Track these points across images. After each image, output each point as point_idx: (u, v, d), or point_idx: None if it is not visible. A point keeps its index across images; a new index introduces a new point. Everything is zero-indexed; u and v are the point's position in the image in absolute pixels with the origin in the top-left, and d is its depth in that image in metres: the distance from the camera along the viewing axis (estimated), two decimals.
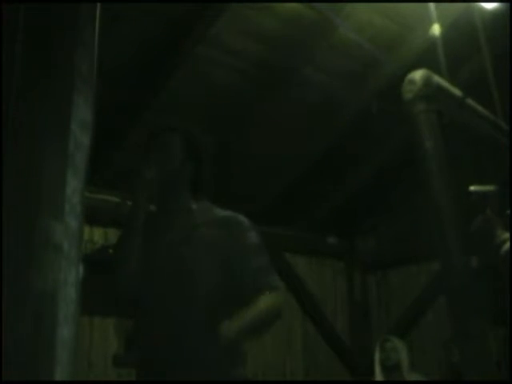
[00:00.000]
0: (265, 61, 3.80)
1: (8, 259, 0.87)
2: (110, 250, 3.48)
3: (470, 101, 2.66)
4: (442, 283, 2.97)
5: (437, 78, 2.48)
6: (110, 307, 1.90)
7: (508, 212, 2.35)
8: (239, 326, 1.71)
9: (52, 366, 0.85)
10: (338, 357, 5.18)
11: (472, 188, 2.44)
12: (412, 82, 2.38)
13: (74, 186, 0.94)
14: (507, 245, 2.26)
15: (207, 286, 1.83)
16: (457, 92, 2.62)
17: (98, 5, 1.07)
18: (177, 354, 1.77)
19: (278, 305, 1.87)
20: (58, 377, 0.85)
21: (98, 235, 3.85)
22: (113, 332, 3.76)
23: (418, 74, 2.42)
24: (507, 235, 2.31)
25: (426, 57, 3.36)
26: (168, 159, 1.91)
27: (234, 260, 1.87)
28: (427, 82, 2.40)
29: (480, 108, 2.78)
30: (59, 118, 0.96)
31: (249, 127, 4.17)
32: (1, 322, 0.84)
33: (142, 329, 1.88)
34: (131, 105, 3.63)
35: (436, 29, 2.95)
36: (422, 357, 4.69)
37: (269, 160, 4.44)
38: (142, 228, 1.81)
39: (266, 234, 4.82)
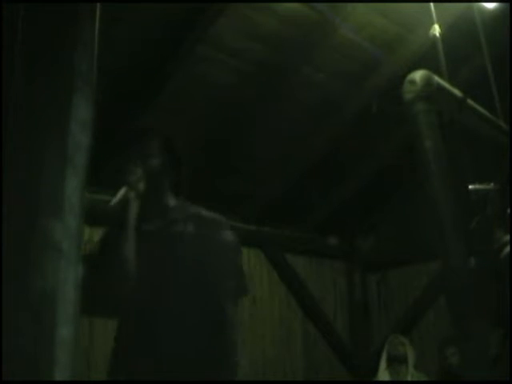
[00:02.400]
0: (265, 61, 3.80)
1: (8, 259, 0.87)
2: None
3: (470, 101, 2.66)
4: (443, 283, 2.97)
5: (437, 79, 2.48)
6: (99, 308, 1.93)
7: (509, 211, 2.35)
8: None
9: (52, 366, 0.85)
10: (338, 357, 5.18)
11: (472, 187, 2.43)
12: (412, 82, 2.38)
13: (73, 185, 0.94)
14: (507, 248, 2.25)
15: (184, 283, 1.86)
16: (457, 92, 2.62)
17: (98, 5, 1.07)
18: (161, 352, 1.79)
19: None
20: (58, 377, 0.85)
21: (98, 235, 3.84)
22: (113, 332, 3.76)
23: (418, 75, 2.42)
24: (507, 238, 2.31)
25: (426, 57, 3.36)
26: (149, 160, 1.96)
27: (210, 258, 1.91)
28: (427, 83, 2.39)
29: (480, 108, 2.78)
30: (59, 118, 0.96)
31: (249, 127, 4.17)
32: (1, 321, 0.84)
33: (126, 328, 1.91)
34: (131, 105, 3.63)
35: (436, 29, 2.94)
36: (422, 357, 4.70)
37: (269, 160, 4.44)
38: (134, 228, 1.83)
39: (266, 234, 4.86)
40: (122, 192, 1.84)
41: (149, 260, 1.87)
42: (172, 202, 2.00)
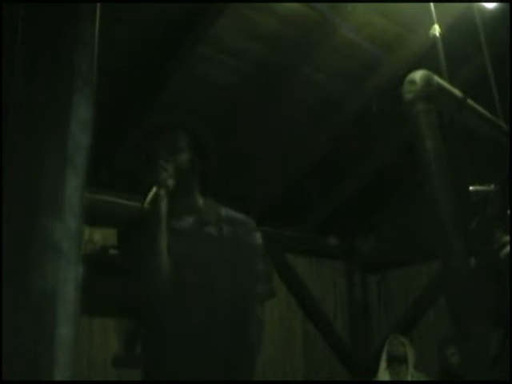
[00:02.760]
0: (265, 61, 3.80)
1: (8, 259, 0.87)
2: (111, 251, 3.48)
3: (470, 101, 2.65)
4: (443, 283, 2.97)
5: (437, 79, 2.48)
6: (124, 309, 1.90)
7: (509, 212, 2.35)
8: None
9: (52, 366, 0.85)
10: (338, 357, 5.18)
11: (472, 188, 2.43)
12: (412, 82, 2.38)
13: (73, 185, 0.93)
14: (507, 248, 2.25)
15: (215, 282, 1.85)
16: (457, 92, 2.62)
17: (98, 5, 1.07)
18: (198, 352, 1.78)
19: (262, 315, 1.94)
20: (58, 377, 0.85)
21: (98, 235, 3.85)
22: (113, 332, 3.76)
23: (418, 75, 2.41)
24: (507, 238, 2.31)
25: (426, 57, 3.35)
26: (178, 156, 1.91)
27: (242, 260, 1.91)
28: (427, 83, 2.39)
29: (480, 108, 2.78)
30: (59, 118, 0.96)
31: (248, 127, 4.17)
32: (1, 321, 0.84)
33: (159, 328, 1.87)
34: (131, 105, 3.63)
35: (436, 29, 2.94)
36: (422, 357, 4.70)
37: (269, 160, 4.44)
38: (166, 228, 1.80)
39: (266, 233, 4.84)
40: (153, 191, 1.80)
41: (182, 259, 1.84)
42: (200, 200, 1.97)
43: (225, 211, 1.99)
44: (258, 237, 1.98)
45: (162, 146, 1.92)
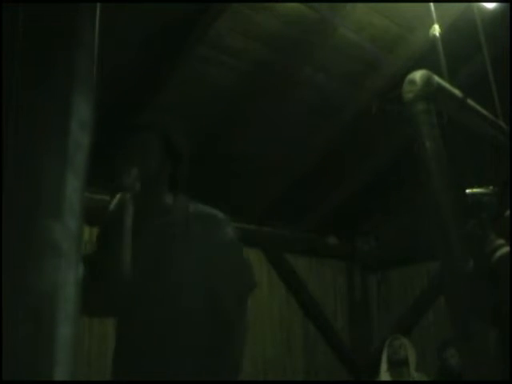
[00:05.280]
0: (265, 61, 3.80)
1: (7, 259, 0.87)
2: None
3: (470, 101, 2.66)
4: (443, 283, 2.97)
5: (437, 79, 2.48)
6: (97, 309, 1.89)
7: (506, 214, 2.34)
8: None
9: (52, 366, 0.85)
10: (338, 357, 5.18)
11: (467, 191, 2.42)
12: (412, 82, 2.38)
13: (73, 186, 0.93)
14: (500, 251, 2.24)
15: (188, 283, 1.83)
16: (457, 92, 2.62)
17: (98, 5, 1.07)
18: (160, 357, 1.77)
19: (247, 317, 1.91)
20: (58, 377, 0.85)
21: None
22: (112, 332, 3.76)
23: (418, 75, 2.42)
24: (501, 241, 2.30)
25: (426, 57, 3.35)
26: (147, 158, 1.89)
27: (215, 256, 1.87)
28: (427, 83, 2.39)
29: (480, 108, 2.78)
30: (59, 118, 0.96)
31: (248, 127, 4.17)
32: (0, 321, 0.84)
33: (124, 331, 1.88)
34: (131, 105, 3.63)
35: (436, 29, 2.94)
36: (422, 357, 4.69)
37: (268, 160, 4.44)
38: (131, 229, 1.78)
39: (266, 234, 4.85)
40: (118, 196, 1.79)
41: (151, 261, 1.83)
42: (170, 199, 1.94)
43: (195, 208, 1.95)
44: (229, 231, 1.93)
45: (131, 148, 1.91)
